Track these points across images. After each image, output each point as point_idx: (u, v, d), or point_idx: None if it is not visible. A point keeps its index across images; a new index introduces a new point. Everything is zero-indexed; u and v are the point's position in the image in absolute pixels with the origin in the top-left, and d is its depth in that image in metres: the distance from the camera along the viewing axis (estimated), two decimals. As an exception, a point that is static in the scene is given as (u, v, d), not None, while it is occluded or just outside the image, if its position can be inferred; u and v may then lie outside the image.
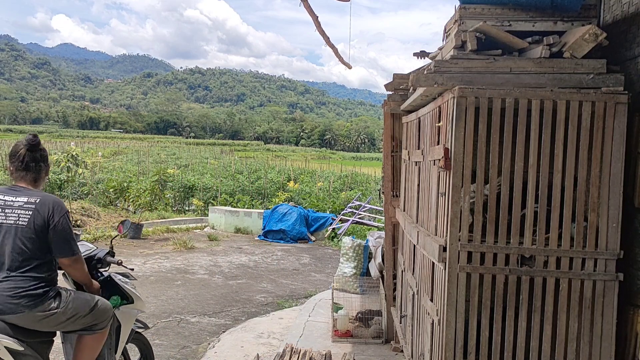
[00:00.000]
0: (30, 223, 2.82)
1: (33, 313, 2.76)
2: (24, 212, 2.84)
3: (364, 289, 6.81)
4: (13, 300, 2.73)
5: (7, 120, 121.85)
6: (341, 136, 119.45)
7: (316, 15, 5.24)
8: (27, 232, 2.81)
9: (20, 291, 2.75)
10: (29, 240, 2.81)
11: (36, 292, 2.79)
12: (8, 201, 2.87)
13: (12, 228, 2.82)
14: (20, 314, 2.74)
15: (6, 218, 2.83)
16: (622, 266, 2.82)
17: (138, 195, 13.63)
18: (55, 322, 2.87)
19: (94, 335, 3.05)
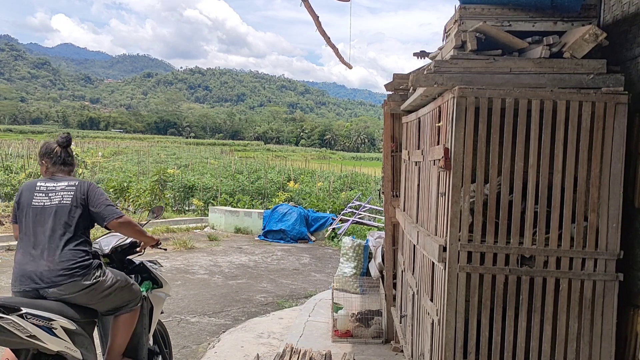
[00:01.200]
0: (73, 201, 3.20)
1: (82, 282, 3.07)
2: (66, 193, 3.22)
3: (364, 289, 6.81)
4: (66, 272, 3.04)
5: (7, 120, 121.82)
6: (341, 136, 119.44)
7: (317, 15, 5.25)
8: (71, 210, 3.18)
9: (72, 263, 3.07)
10: (73, 217, 3.17)
11: (84, 263, 3.11)
12: (50, 187, 3.25)
13: (57, 207, 3.17)
14: (71, 282, 3.04)
15: (50, 201, 3.20)
16: (622, 266, 2.82)
17: (138, 195, 13.63)
18: (99, 294, 3.16)
19: (129, 314, 3.37)
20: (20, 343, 2.89)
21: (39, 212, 3.19)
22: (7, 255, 9.05)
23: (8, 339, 2.85)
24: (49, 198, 3.21)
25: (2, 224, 10.46)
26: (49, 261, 3.05)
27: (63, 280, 3.02)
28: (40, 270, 3.04)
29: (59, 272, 3.03)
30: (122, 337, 3.39)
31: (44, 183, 3.28)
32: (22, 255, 3.13)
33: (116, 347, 3.40)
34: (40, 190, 3.25)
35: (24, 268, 3.07)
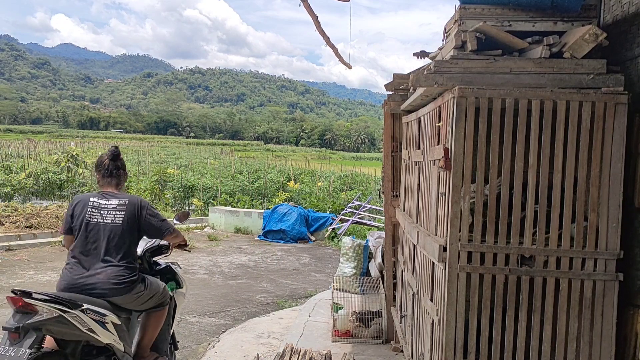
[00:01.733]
0: (124, 222, 3.48)
1: (130, 295, 3.45)
2: (118, 213, 3.49)
3: (364, 289, 6.81)
4: (117, 286, 3.40)
5: (7, 120, 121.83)
6: (341, 136, 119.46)
7: (316, 15, 5.25)
8: (121, 229, 3.47)
9: (122, 279, 3.41)
10: (124, 236, 3.47)
11: (131, 279, 3.47)
12: (102, 204, 3.52)
13: (110, 226, 3.46)
14: (120, 296, 3.41)
15: (103, 218, 3.48)
16: (622, 266, 2.82)
17: (138, 195, 13.63)
18: (141, 301, 3.56)
19: (160, 312, 3.74)
20: (78, 335, 3.21)
21: (93, 228, 3.47)
22: (7, 255, 9.05)
23: (69, 331, 3.16)
24: (102, 216, 3.49)
25: (2, 224, 10.47)
26: (100, 276, 3.38)
27: (111, 293, 3.38)
28: (91, 283, 3.36)
29: (107, 285, 3.37)
30: (152, 333, 3.75)
31: (97, 199, 3.55)
32: (75, 266, 3.43)
33: (146, 341, 3.74)
34: (93, 206, 3.52)
35: (75, 278, 3.38)
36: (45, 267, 8.45)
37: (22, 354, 2.98)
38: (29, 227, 10.59)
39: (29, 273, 7.99)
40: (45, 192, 16.23)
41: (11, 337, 3.05)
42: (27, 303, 3.08)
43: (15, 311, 3.11)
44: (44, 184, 16.12)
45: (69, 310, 3.14)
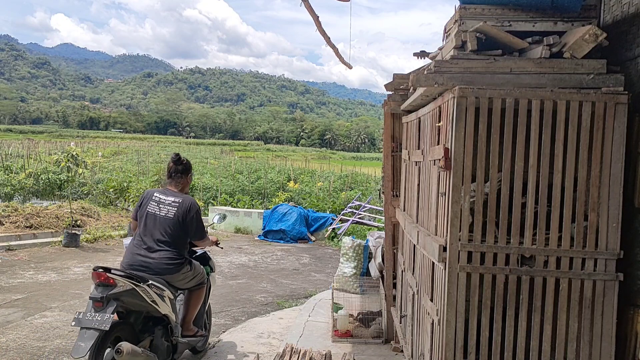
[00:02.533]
0: (175, 216, 4.27)
1: (178, 274, 4.26)
2: (171, 208, 4.29)
3: (364, 289, 6.81)
4: (167, 266, 4.19)
5: (7, 120, 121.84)
6: (341, 136, 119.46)
7: (317, 15, 5.25)
8: (172, 222, 4.26)
9: (172, 261, 4.20)
10: (173, 227, 4.25)
11: (179, 261, 4.25)
12: (162, 199, 4.34)
13: (164, 218, 4.27)
14: (170, 275, 4.21)
15: (160, 211, 4.30)
16: (622, 266, 2.82)
17: (138, 195, 13.62)
18: (186, 280, 4.37)
19: (199, 290, 4.56)
20: (142, 306, 3.96)
21: (152, 218, 4.28)
22: (7, 255, 9.05)
23: (137, 302, 3.90)
24: (159, 209, 4.31)
25: (2, 224, 10.46)
26: (154, 257, 4.18)
27: (163, 271, 4.17)
28: (148, 262, 4.16)
29: (161, 265, 4.17)
30: (194, 308, 4.55)
31: (159, 195, 4.38)
32: (136, 247, 4.24)
33: (189, 316, 4.53)
34: (154, 200, 4.34)
35: (136, 257, 4.19)
36: (45, 267, 8.45)
37: (107, 318, 3.62)
38: (29, 227, 10.58)
39: (29, 273, 7.99)
40: (45, 192, 16.22)
41: (95, 305, 3.72)
42: (108, 277, 3.76)
43: (97, 284, 3.78)
44: (44, 184, 16.11)
45: (138, 284, 3.90)
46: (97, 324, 3.60)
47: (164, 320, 4.19)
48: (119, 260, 9.23)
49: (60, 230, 10.54)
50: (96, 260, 9.14)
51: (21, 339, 5.25)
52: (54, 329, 5.58)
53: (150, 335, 4.11)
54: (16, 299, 6.62)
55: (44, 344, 5.15)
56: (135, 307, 3.95)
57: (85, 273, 8.21)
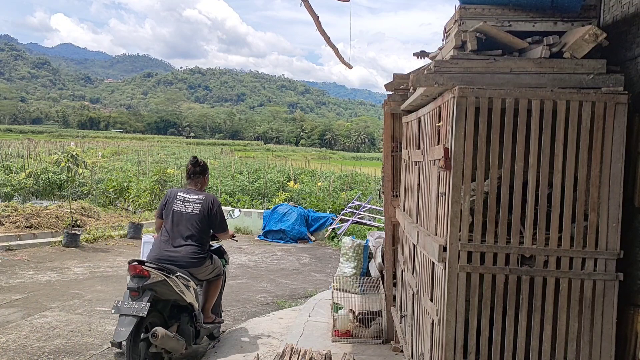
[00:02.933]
0: (200, 213, 4.74)
1: (201, 267, 4.74)
2: (196, 205, 4.76)
3: (364, 289, 6.81)
4: (193, 260, 4.65)
5: (7, 120, 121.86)
6: (341, 136, 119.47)
7: (317, 15, 5.25)
8: (198, 217, 4.73)
9: (196, 255, 4.68)
10: (199, 223, 4.72)
11: (202, 255, 4.75)
12: (186, 197, 4.80)
13: (190, 215, 4.72)
14: (195, 267, 4.67)
15: (185, 208, 4.75)
16: (622, 266, 2.82)
17: (138, 195, 13.63)
18: (207, 272, 4.86)
19: (217, 281, 5.07)
20: (171, 295, 4.45)
21: (178, 215, 4.71)
22: (7, 255, 9.05)
23: (167, 292, 4.40)
24: (185, 206, 4.74)
25: (2, 224, 10.46)
26: (181, 252, 4.62)
27: (188, 264, 4.62)
28: (175, 256, 4.59)
29: (186, 259, 4.62)
30: (212, 298, 5.04)
31: (182, 194, 4.83)
32: (163, 242, 4.68)
33: (208, 305, 5.01)
34: (179, 199, 4.79)
35: (164, 252, 4.62)
36: (45, 267, 8.45)
37: (144, 306, 4.12)
38: (29, 227, 10.58)
39: (29, 273, 7.99)
40: (45, 192, 16.22)
41: (132, 294, 4.20)
42: (143, 269, 4.26)
43: (133, 276, 4.27)
44: (44, 184, 16.11)
45: (169, 276, 4.37)
46: (135, 311, 4.11)
47: (188, 309, 4.68)
48: (119, 260, 9.24)
49: (60, 230, 10.54)
50: (96, 260, 9.14)
51: (21, 339, 5.25)
52: (54, 329, 5.59)
53: (177, 321, 4.61)
54: (16, 299, 6.62)
55: (44, 344, 5.15)
56: (165, 296, 4.44)
57: (85, 273, 8.21)
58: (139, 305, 4.14)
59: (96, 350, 5.10)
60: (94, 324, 5.82)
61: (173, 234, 4.68)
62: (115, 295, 7.04)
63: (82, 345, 5.21)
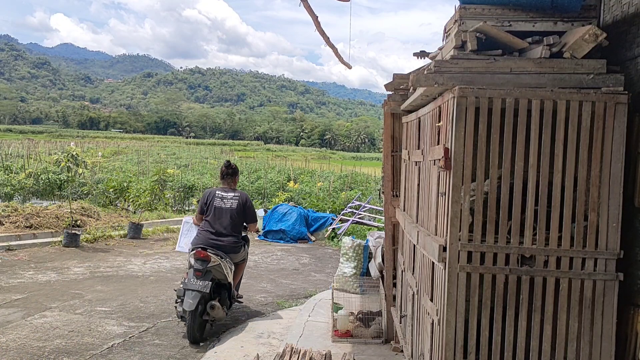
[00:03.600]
0: (237, 206, 5.82)
1: (238, 253, 5.87)
2: (234, 201, 5.83)
3: (364, 289, 6.81)
4: (234, 247, 5.77)
5: (7, 120, 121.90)
6: (341, 136, 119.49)
7: (316, 15, 5.25)
8: (236, 210, 5.81)
9: (236, 243, 5.80)
10: (236, 216, 5.81)
11: (241, 244, 5.90)
12: (224, 195, 5.88)
13: (229, 210, 5.80)
14: (234, 253, 5.79)
15: (225, 204, 5.82)
16: (622, 266, 2.82)
17: (138, 195, 13.62)
18: (240, 257, 5.96)
19: (243, 263, 6.20)
20: (220, 275, 5.57)
21: (219, 210, 5.78)
22: (7, 255, 9.05)
23: (220, 272, 5.54)
24: (224, 203, 5.81)
25: (2, 224, 10.46)
26: (224, 240, 5.70)
27: (230, 250, 5.72)
28: (219, 243, 5.65)
29: (229, 246, 5.71)
30: (238, 276, 6.15)
31: (220, 192, 5.90)
32: (207, 232, 5.72)
33: (236, 282, 6.11)
34: (218, 197, 5.85)
35: (208, 240, 5.64)
36: (45, 267, 8.45)
37: (207, 284, 5.33)
38: (29, 227, 10.58)
39: (29, 273, 7.99)
40: (45, 192, 16.21)
41: (196, 274, 5.36)
42: (207, 254, 5.44)
43: (197, 259, 5.43)
44: (44, 184, 16.11)
45: (222, 260, 5.53)
46: (200, 288, 5.28)
47: (226, 286, 5.73)
48: (119, 260, 9.25)
49: (60, 230, 10.54)
50: (96, 260, 9.14)
51: (21, 339, 5.25)
52: (54, 329, 5.59)
53: (218, 296, 5.58)
54: (16, 299, 6.62)
55: (44, 344, 5.15)
56: (217, 276, 5.53)
57: (85, 273, 8.21)
58: (203, 283, 5.31)
59: (96, 350, 5.10)
60: (94, 324, 5.82)
61: (216, 225, 5.72)
62: (116, 295, 7.04)
63: (82, 345, 5.21)
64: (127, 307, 6.54)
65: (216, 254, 5.51)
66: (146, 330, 5.75)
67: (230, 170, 6.03)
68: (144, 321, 6.04)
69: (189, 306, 5.17)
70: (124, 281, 7.87)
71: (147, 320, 6.09)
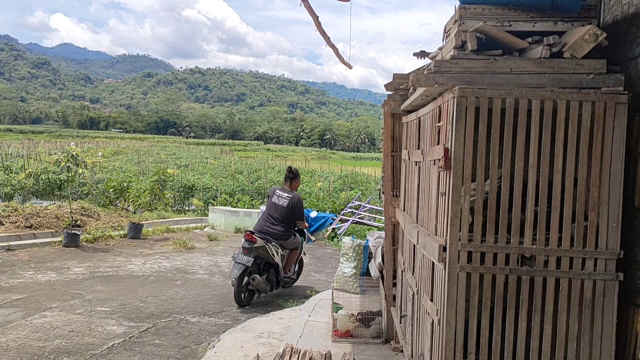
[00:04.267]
0: (287, 206, 7.15)
1: (288, 240, 7.26)
2: (286, 200, 7.17)
3: (364, 289, 6.81)
4: (283, 234, 7.15)
5: (7, 120, 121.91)
6: (341, 136, 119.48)
7: (316, 15, 5.25)
8: (286, 208, 7.16)
9: (283, 232, 7.17)
10: (286, 212, 7.16)
11: (288, 232, 7.25)
12: (281, 194, 7.25)
13: (280, 207, 7.16)
14: (283, 240, 7.16)
15: (279, 201, 7.17)
16: (622, 266, 2.82)
17: (138, 195, 13.62)
18: (292, 244, 7.33)
19: (296, 251, 7.51)
20: (266, 256, 6.97)
21: (274, 205, 7.20)
22: (7, 255, 9.05)
23: (264, 253, 6.93)
24: (279, 200, 7.19)
25: (2, 224, 10.46)
26: (274, 229, 7.10)
27: (279, 237, 7.12)
28: (271, 231, 7.07)
29: (277, 234, 7.10)
30: (291, 260, 7.48)
31: (279, 191, 7.30)
32: (263, 220, 7.23)
33: (288, 265, 7.45)
34: (276, 194, 7.26)
35: (264, 227, 7.11)
36: (45, 267, 8.45)
37: (249, 260, 6.76)
38: (29, 227, 10.58)
39: (29, 273, 7.99)
40: (45, 192, 16.22)
41: (244, 252, 6.82)
42: (253, 237, 6.84)
43: (246, 240, 6.85)
44: (44, 184, 16.11)
45: (267, 243, 6.93)
46: (244, 262, 6.73)
47: (275, 266, 7.14)
48: (119, 260, 9.25)
49: (60, 230, 10.53)
50: (96, 260, 9.14)
51: (21, 339, 5.25)
52: (54, 329, 5.59)
53: (267, 273, 7.07)
54: (16, 299, 6.62)
55: (44, 344, 5.15)
56: (263, 256, 6.93)
57: (85, 273, 8.21)
58: (247, 259, 6.74)
59: (96, 350, 5.10)
60: (94, 324, 5.82)
61: (270, 217, 7.16)
62: (116, 295, 7.04)
63: (82, 345, 5.21)
64: (127, 307, 6.54)
65: (262, 237, 6.89)
66: (146, 330, 5.75)
67: (291, 174, 7.41)
68: (144, 321, 6.04)
69: (234, 275, 6.70)
70: (124, 281, 7.87)
71: (147, 320, 6.09)
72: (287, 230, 7.18)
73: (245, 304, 6.85)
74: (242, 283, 6.76)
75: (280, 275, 7.24)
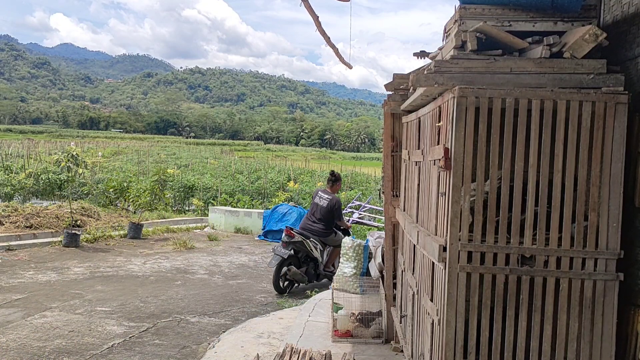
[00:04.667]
0: (327, 206, 7.85)
1: (328, 237, 8.02)
2: (326, 202, 7.87)
3: (364, 289, 6.80)
4: (322, 232, 7.93)
5: (7, 120, 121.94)
6: (341, 136, 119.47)
7: (316, 15, 5.25)
8: (325, 209, 7.87)
9: (323, 230, 7.93)
10: (325, 212, 7.87)
11: (328, 230, 7.97)
12: (322, 195, 7.97)
13: (321, 207, 7.89)
14: (323, 237, 7.96)
15: (320, 202, 7.91)
16: (623, 266, 2.82)
17: (138, 195, 13.62)
18: (333, 241, 8.02)
19: (338, 248, 7.87)
20: (305, 250, 7.73)
21: (315, 205, 7.96)
22: (7, 255, 9.05)
23: (302, 247, 7.70)
24: (320, 201, 7.91)
25: (2, 224, 10.46)
26: (315, 226, 7.87)
27: (320, 234, 7.88)
28: (312, 228, 7.86)
29: (317, 232, 7.85)
30: (333, 258, 8.10)
31: (321, 193, 8.05)
32: (307, 219, 8.04)
33: (330, 261, 8.11)
34: (318, 195, 8.01)
35: (306, 224, 7.95)
36: (45, 267, 8.45)
37: (286, 252, 7.55)
38: (29, 227, 10.58)
39: (29, 273, 7.99)
40: (45, 192, 16.22)
41: (282, 245, 7.64)
42: (292, 233, 7.63)
43: (285, 234, 7.67)
44: (44, 184, 16.11)
45: (305, 239, 7.68)
46: (282, 254, 7.54)
47: (314, 260, 7.87)
48: (119, 260, 9.25)
49: (60, 230, 10.53)
50: (96, 260, 9.14)
51: (21, 339, 5.25)
52: (54, 329, 5.59)
53: (306, 266, 7.82)
54: (16, 299, 6.62)
55: (44, 344, 5.15)
56: (301, 250, 7.69)
57: (85, 273, 8.21)
58: (284, 251, 7.54)
59: (96, 350, 5.10)
60: (94, 324, 5.82)
61: (312, 215, 7.96)
62: (116, 295, 7.04)
63: (82, 345, 5.21)
64: (127, 307, 6.54)
65: (301, 233, 7.71)
66: (146, 330, 5.75)
67: (333, 177, 8.11)
68: (144, 321, 6.05)
69: (272, 265, 7.59)
70: (124, 281, 7.87)
71: (147, 320, 6.10)
72: (327, 228, 7.87)
73: (283, 291, 7.64)
74: (280, 273, 7.55)
75: (319, 268, 7.90)
